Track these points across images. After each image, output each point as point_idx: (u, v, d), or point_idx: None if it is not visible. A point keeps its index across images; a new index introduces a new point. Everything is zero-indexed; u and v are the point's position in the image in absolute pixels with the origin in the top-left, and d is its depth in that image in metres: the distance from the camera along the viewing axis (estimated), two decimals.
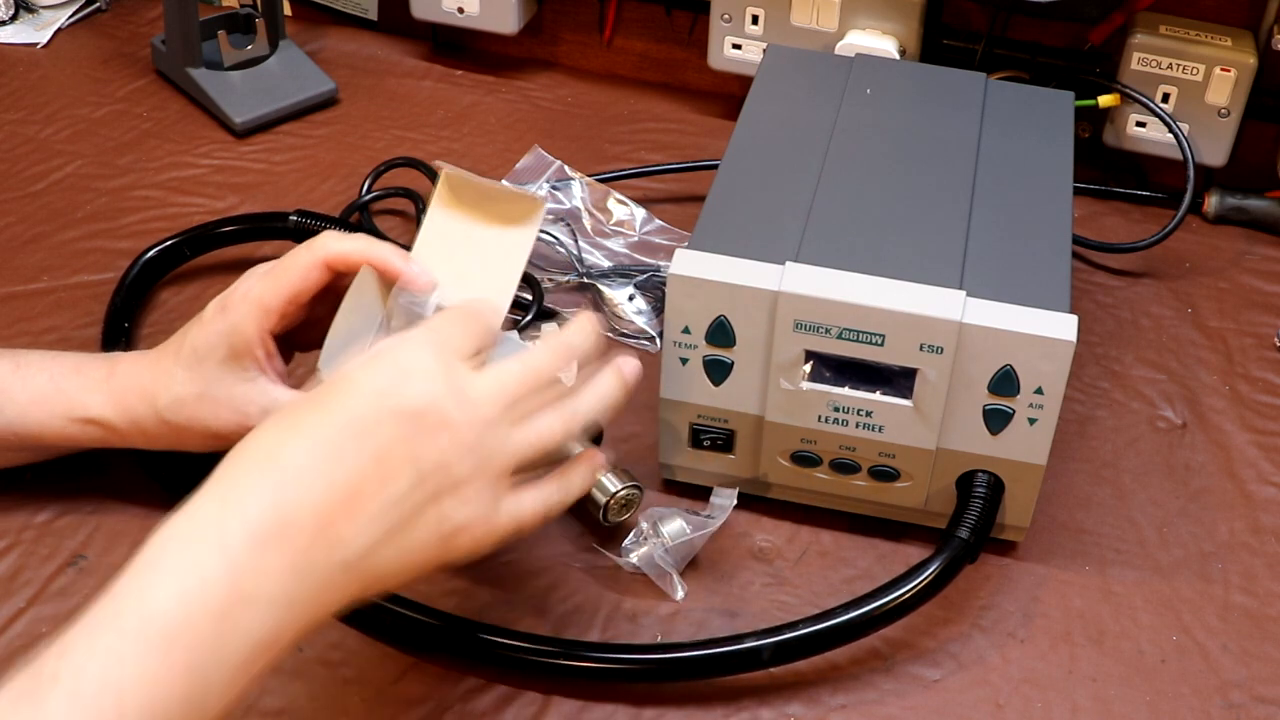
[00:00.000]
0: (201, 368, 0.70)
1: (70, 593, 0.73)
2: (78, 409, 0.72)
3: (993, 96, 0.90)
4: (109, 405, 0.72)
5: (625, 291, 0.94)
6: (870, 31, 1.04)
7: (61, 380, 0.73)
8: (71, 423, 0.72)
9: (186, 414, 0.70)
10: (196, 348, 0.70)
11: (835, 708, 0.71)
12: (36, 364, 0.74)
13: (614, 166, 1.06)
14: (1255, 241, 1.04)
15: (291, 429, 0.59)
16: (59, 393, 0.73)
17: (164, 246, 0.92)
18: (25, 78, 1.14)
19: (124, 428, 0.72)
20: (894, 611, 0.71)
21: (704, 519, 0.76)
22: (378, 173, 1.02)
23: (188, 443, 0.72)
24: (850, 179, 0.81)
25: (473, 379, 0.62)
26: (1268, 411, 0.89)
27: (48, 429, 0.73)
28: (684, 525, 0.75)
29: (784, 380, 0.74)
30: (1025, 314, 0.71)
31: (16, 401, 0.73)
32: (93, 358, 0.75)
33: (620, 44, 1.18)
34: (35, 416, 0.73)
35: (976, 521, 0.73)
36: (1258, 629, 0.76)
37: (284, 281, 0.70)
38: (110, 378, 0.73)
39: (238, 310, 0.69)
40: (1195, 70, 1.01)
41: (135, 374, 0.72)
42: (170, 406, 0.71)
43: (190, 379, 0.70)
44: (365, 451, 0.58)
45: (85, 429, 0.73)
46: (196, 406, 0.70)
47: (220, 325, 0.70)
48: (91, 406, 0.72)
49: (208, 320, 0.70)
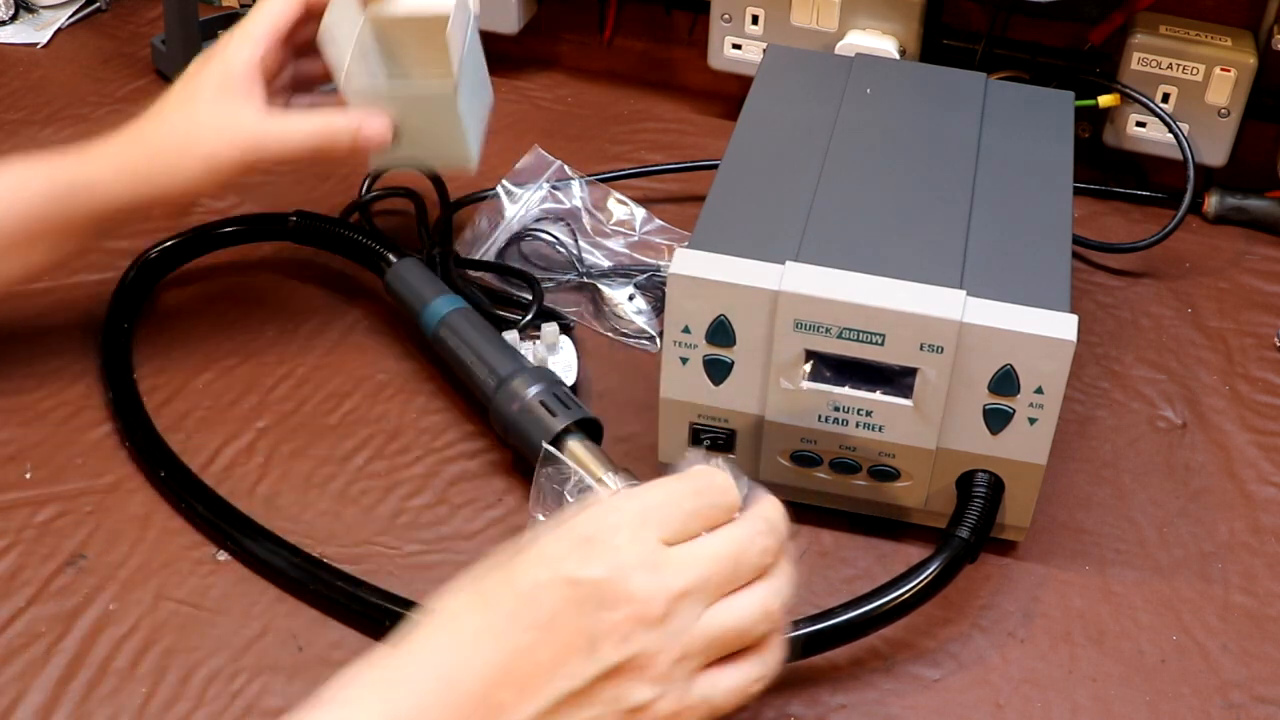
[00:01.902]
0: (194, 101, 0.75)
1: (70, 592, 0.74)
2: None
3: (993, 96, 0.90)
4: (98, 161, 0.76)
5: (625, 291, 0.94)
6: (870, 31, 1.04)
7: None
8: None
9: (178, 142, 0.75)
10: (188, 84, 0.76)
11: (835, 708, 0.71)
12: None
13: (614, 166, 1.06)
14: (1255, 241, 1.04)
15: (476, 592, 0.56)
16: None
17: (164, 247, 0.92)
18: (25, 78, 1.14)
19: (112, 175, 0.76)
20: (894, 611, 0.71)
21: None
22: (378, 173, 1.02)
23: (183, 169, 0.75)
24: (850, 179, 0.81)
25: (666, 552, 0.56)
26: (1268, 411, 0.89)
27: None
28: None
29: (784, 380, 0.74)
30: (1025, 314, 0.71)
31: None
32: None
33: (620, 44, 1.18)
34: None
35: (976, 521, 0.73)
36: (1258, 629, 0.76)
37: (265, 11, 0.77)
38: (93, 147, 0.77)
39: (224, 44, 0.76)
40: (1195, 70, 1.01)
41: (119, 138, 0.77)
42: (166, 135, 0.75)
43: (184, 113, 0.75)
44: (538, 620, 0.54)
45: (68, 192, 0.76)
46: (190, 134, 0.75)
47: (209, 62, 0.76)
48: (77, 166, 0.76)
49: (195, 64, 0.77)
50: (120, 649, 0.71)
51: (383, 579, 0.74)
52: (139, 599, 0.73)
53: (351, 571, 0.74)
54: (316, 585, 0.74)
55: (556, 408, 0.78)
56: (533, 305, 0.90)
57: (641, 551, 0.55)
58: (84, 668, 0.70)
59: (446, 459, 0.83)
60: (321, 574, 0.74)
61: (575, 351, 0.87)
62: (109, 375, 0.85)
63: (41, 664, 0.70)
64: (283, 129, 0.77)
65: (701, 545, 0.57)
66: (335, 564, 0.75)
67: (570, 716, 0.54)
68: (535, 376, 0.80)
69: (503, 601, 0.55)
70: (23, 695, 0.68)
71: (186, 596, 0.74)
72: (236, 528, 0.76)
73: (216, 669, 0.70)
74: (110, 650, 0.71)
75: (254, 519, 0.77)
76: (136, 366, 0.87)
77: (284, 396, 0.86)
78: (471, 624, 0.55)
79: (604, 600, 0.54)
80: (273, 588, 0.74)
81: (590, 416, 0.79)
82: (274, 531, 0.76)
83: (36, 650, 0.71)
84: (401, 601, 0.72)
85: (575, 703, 0.54)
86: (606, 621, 0.54)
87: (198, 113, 0.74)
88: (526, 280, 0.93)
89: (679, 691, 0.55)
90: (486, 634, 0.54)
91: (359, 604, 0.73)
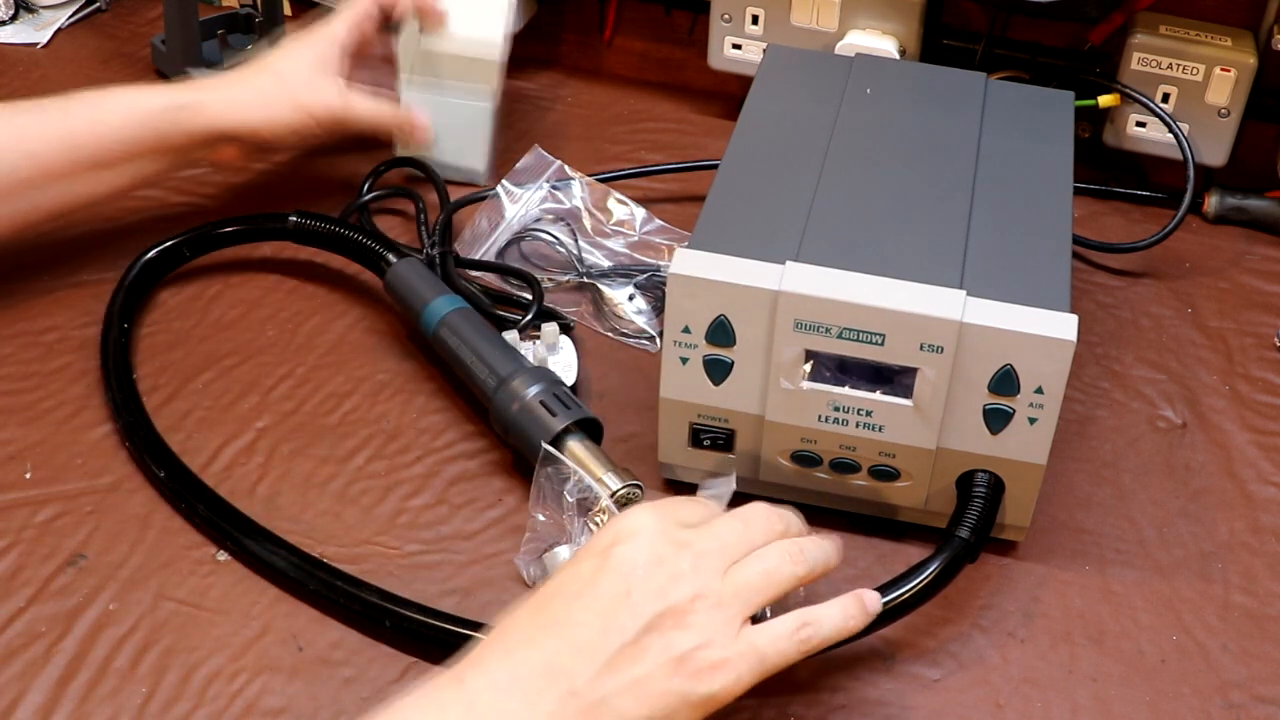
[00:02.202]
0: (296, 62, 0.95)
1: (70, 592, 0.74)
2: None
3: (993, 96, 0.90)
4: (207, 90, 0.93)
5: (625, 291, 0.94)
6: (870, 31, 1.04)
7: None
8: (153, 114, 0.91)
9: (278, 90, 0.93)
10: (290, 50, 0.96)
11: (835, 708, 0.71)
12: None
13: (614, 166, 1.06)
14: (1255, 241, 1.04)
15: (528, 603, 0.62)
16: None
17: (164, 247, 0.92)
18: (25, 78, 1.14)
19: (219, 103, 0.92)
20: (894, 611, 0.71)
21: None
22: (377, 173, 1.02)
23: (278, 111, 0.93)
24: (850, 179, 0.81)
25: (684, 531, 0.63)
26: (1268, 411, 0.89)
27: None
28: None
29: (784, 380, 0.74)
30: (1025, 314, 0.71)
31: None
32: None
33: (620, 44, 1.18)
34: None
35: (976, 521, 0.73)
36: (1258, 629, 0.76)
37: (353, 10, 0.97)
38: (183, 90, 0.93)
39: (322, 26, 0.96)
40: (1195, 70, 1.01)
41: (227, 76, 0.95)
42: (269, 81, 0.94)
43: (287, 66, 0.94)
44: (580, 590, 0.61)
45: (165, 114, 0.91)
46: (289, 86, 0.93)
47: (309, 36, 0.96)
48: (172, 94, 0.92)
49: (296, 37, 0.96)
50: (120, 649, 0.71)
51: (383, 579, 0.74)
52: (139, 599, 0.74)
53: (351, 571, 0.74)
54: (316, 585, 0.74)
55: (556, 408, 0.78)
56: (533, 305, 0.90)
57: (664, 529, 0.63)
58: (84, 668, 0.70)
59: (446, 459, 0.83)
60: (321, 574, 0.74)
61: (575, 351, 0.87)
62: (109, 375, 0.85)
63: (41, 664, 0.70)
64: (355, 103, 0.96)
65: (714, 522, 0.65)
66: (335, 564, 0.75)
67: (629, 670, 0.58)
68: (535, 376, 0.80)
69: (544, 602, 0.61)
70: (23, 695, 0.69)
71: (186, 596, 0.74)
72: (236, 528, 0.76)
73: (216, 669, 0.70)
74: (110, 650, 0.71)
75: (254, 519, 0.77)
76: (136, 366, 0.87)
77: (284, 396, 0.86)
78: (518, 623, 0.61)
79: (635, 563, 0.61)
80: (273, 588, 0.74)
81: (590, 416, 0.79)
82: (274, 531, 0.76)
83: (36, 650, 0.71)
84: (401, 601, 0.72)
85: (629, 655, 0.59)
86: (639, 579, 0.60)
87: (299, 71, 0.94)
88: (526, 280, 0.93)
89: (724, 639, 0.60)
90: (535, 624, 0.60)
91: (359, 604, 0.73)
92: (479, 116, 1.03)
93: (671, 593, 0.60)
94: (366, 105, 0.97)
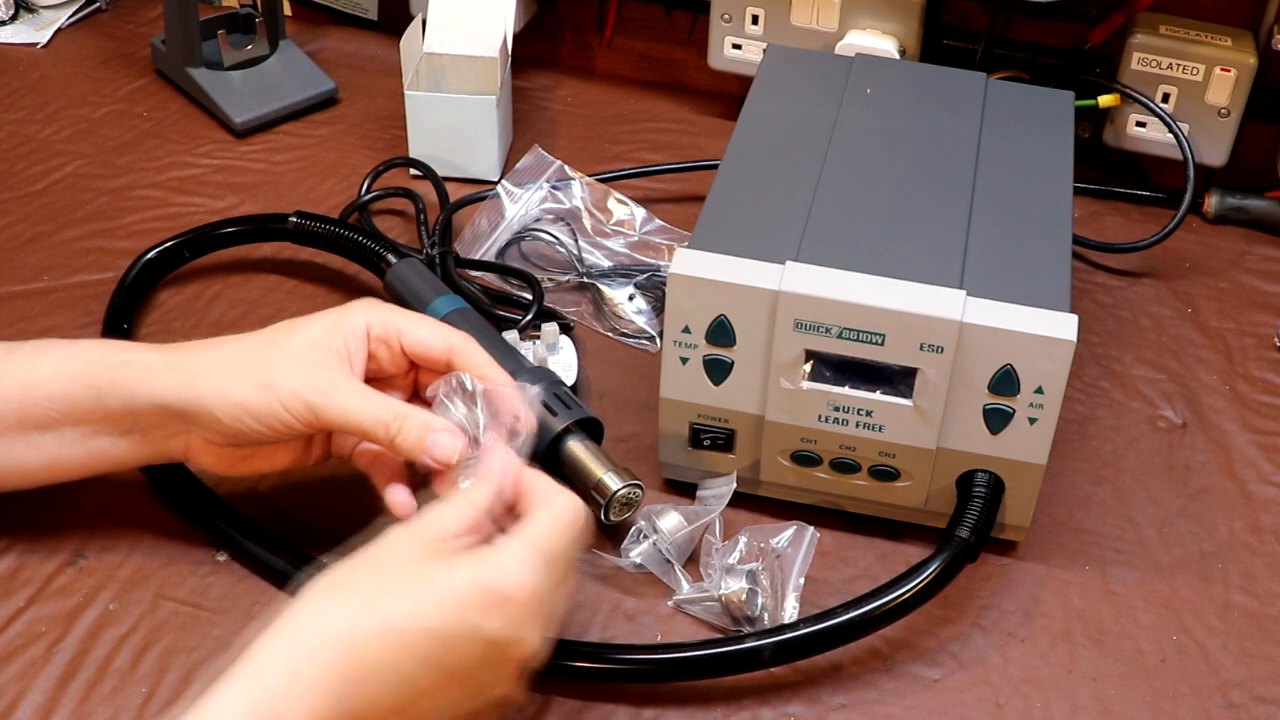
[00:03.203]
0: (308, 363, 0.70)
1: (70, 592, 0.74)
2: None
3: (993, 96, 0.90)
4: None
5: (625, 291, 0.94)
6: (870, 31, 1.04)
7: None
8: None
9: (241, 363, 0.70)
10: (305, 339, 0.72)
11: (835, 707, 0.71)
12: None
13: (614, 166, 1.06)
14: (1255, 241, 1.04)
15: (378, 616, 0.60)
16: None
17: (164, 247, 0.92)
18: (25, 78, 1.14)
19: (157, 362, 0.70)
20: (894, 611, 0.71)
21: (700, 510, 0.76)
22: (377, 173, 1.02)
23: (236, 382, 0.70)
24: (850, 179, 0.81)
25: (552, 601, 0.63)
26: (1268, 411, 0.89)
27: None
28: (680, 519, 0.75)
29: (784, 380, 0.74)
30: (1025, 313, 0.71)
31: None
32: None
33: (620, 44, 1.18)
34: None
35: (977, 521, 0.73)
36: (1258, 629, 0.76)
37: (393, 318, 0.74)
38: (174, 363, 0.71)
39: (351, 307, 0.73)
40: (1195, 70, 1.01)
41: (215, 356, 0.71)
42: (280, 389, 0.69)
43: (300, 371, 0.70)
44: (454, 671, 0.61)
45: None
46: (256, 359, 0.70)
47: (332, 319, 0.73)
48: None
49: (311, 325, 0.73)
50: (120, 649, 0.71)
51: None
52: (139, 599, 0.73)
53: None
54: None
55: (557, 408, 0.78)
56: (533, 305, 0.90)
57: (543, 602, 0.62)
58: (84, 668, 0.70)
59: None
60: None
61: (575, 351, 0.87)
62: None
63: (41, 664, 0.70)
64: (338, 399, 0.70)
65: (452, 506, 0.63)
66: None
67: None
68: (535, 376, 0.80)
69: (416, 643, 0.59)
70: (23, 695, 0.69)
71: (186, 596, 0.74)
72: (236, 528, 0.76)
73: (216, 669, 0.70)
74: (110, 650, 0.71)
75: (254, 519, 0.77)
76: None
77: None
78: (376, 652, 0.58)
79: (508, 657, 0.61)
80: (272, 588, 0.74)
81: (591, 416, 0.79)
82: (274, 532, 0.76)
83: (36, 650, 0.71)
84: None
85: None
86: (504, 673, 0.61)
87: (292, 345, 0.72)
88: (526, 280, 0.93)
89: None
90: (393, 671, 0.58)
91: None
92: (485, 114, 1.02)
93: (517, 670, 0.62)
94: (351, 403, 0.69)
